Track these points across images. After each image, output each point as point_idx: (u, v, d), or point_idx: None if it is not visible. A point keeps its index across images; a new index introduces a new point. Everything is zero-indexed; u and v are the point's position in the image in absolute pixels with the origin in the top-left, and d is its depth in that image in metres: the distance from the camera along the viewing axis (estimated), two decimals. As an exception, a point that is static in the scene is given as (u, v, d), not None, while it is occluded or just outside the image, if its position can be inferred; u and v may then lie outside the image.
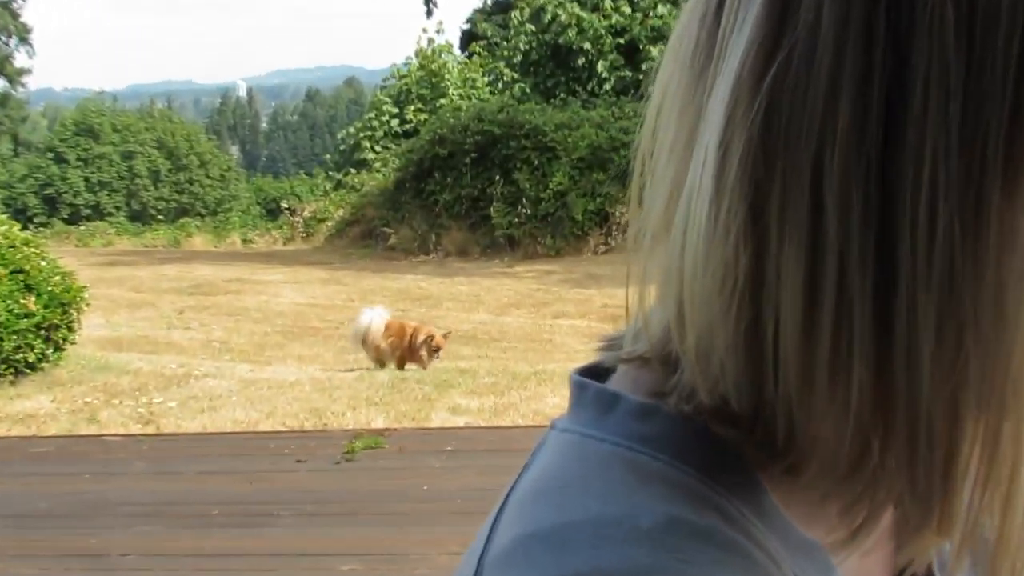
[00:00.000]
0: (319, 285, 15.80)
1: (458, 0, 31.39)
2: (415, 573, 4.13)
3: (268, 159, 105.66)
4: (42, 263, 8.19)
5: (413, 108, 27.08)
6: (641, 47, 22.60)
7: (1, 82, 40.93)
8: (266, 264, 18.96)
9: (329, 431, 6.58)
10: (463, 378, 8.12)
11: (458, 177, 20.25)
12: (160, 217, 38.95)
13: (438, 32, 28.12)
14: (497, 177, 19.84)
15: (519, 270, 17.41)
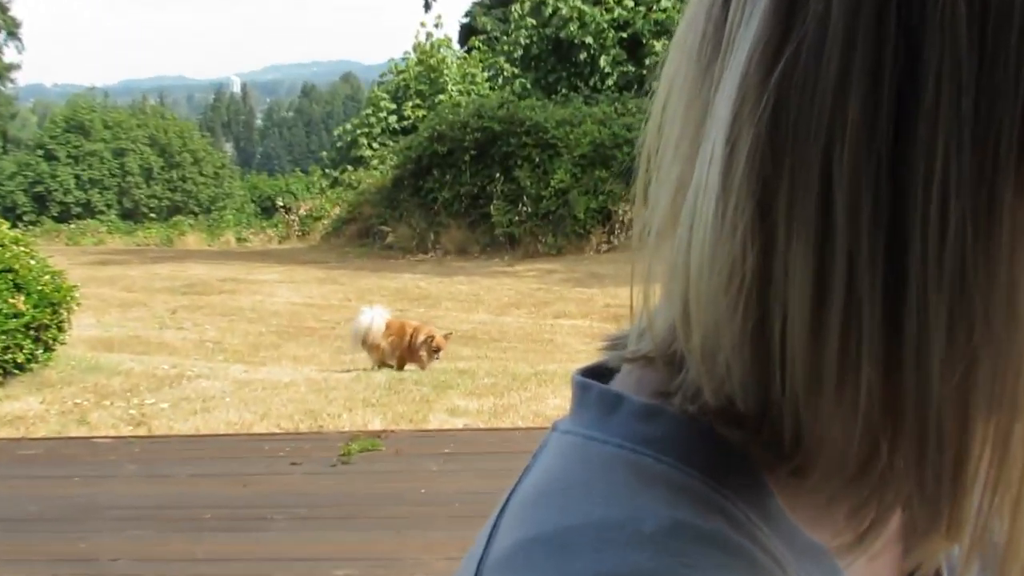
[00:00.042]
0: (315, 284, 15.80)
1: (457, -6, 31.38)
2: (412, 579, 4.13)
3: (263, 156, 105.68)
4: (32, 262, 8.19)
5: (411, 104, 27.09)
6: (644, 41, 22.61)
7: (-10, 77, 40.97)
8: (261, 263, 18.96)
9: (325, 433, 6.58)
10: (462, 379, 8.12)
11: (457, 174, 20.26)
12: (152, 215, 39.00)
13: (436, 26, 28.10)
14: (497, 174, 19.84)
15: (519, 269, 17.41)
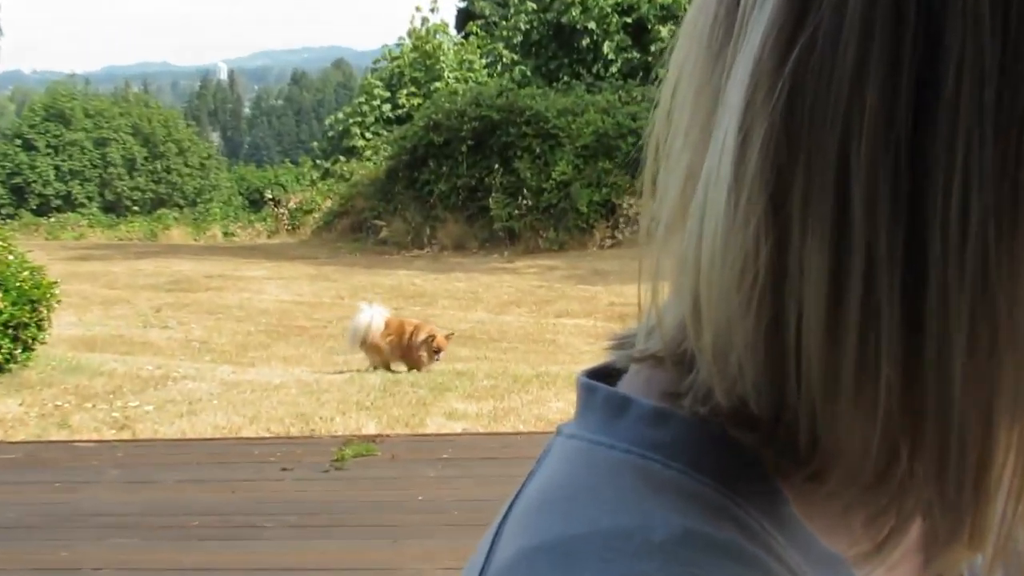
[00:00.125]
0: (306, 281, 15.81)
1: (454, -24, 31.35)
2: (408, 589, 4.13)
3: (251, 146, 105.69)
4: (9, 257, 8.20)
5: (406, 92, 27.07)
6: (650, 27, 22.60)
7: (-35, 64, 40.90)
8: (249, 259, 18.97)
9: (317, 437, 6.59)
10: (460, 381, 8.12)
11: (454, 166, 20.26)
12: (135, 208, 38.96)
13: (432, 11, 28.16)
14: (496, 166, 19.84)
15: (519, 265, 17.41)
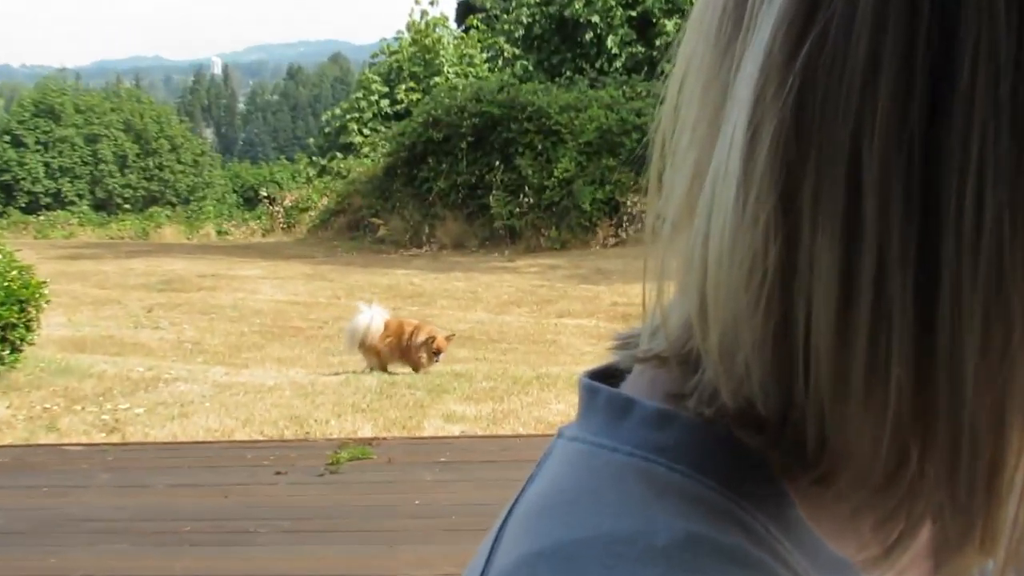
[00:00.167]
0: (301, 281, 15.82)
1: (454, -31, 31.34)
2: (406, 596, 4.14)
3: (245, 143, 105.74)
4: (-3, 256, 8.20)
5: (404, 87, 27.08)
6: (655, 20, 22.61)
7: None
8: (243, 258, 18.98)
9: (312, 440, 6.59)
10: (459, 382, 8.12)
11: (454, 163, 20.27)
12: (127, 206, 38.97)
13: (432, 4, 28.08)
14: (497, 163, 19.86)
15: (520, 264, 17.42)
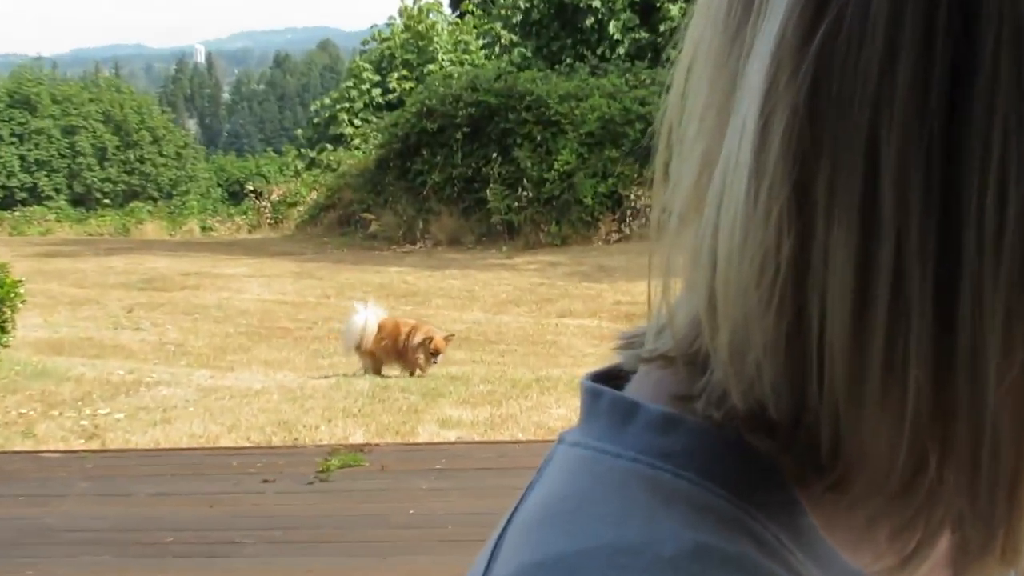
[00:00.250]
0: (289, 279, 15.81)
1: (449, -49, 31.31)
2: (400, 610, 4.14)
3: (230, 134, 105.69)
4: (-30, 254, 8.20)
5: (397, 76, 27.08)
6: (659, 5, 22.60)
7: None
8: (228, 255, 18.97)
9: (300, 447, 6.59)
10: (455, 386, 8.12)
11: (449, 155, 20.25)
12: (106, 201, 38.99)
13: (426, -12, 28.09)
14: (494, 155, 19.85)
15: (519, 262, 17.42)
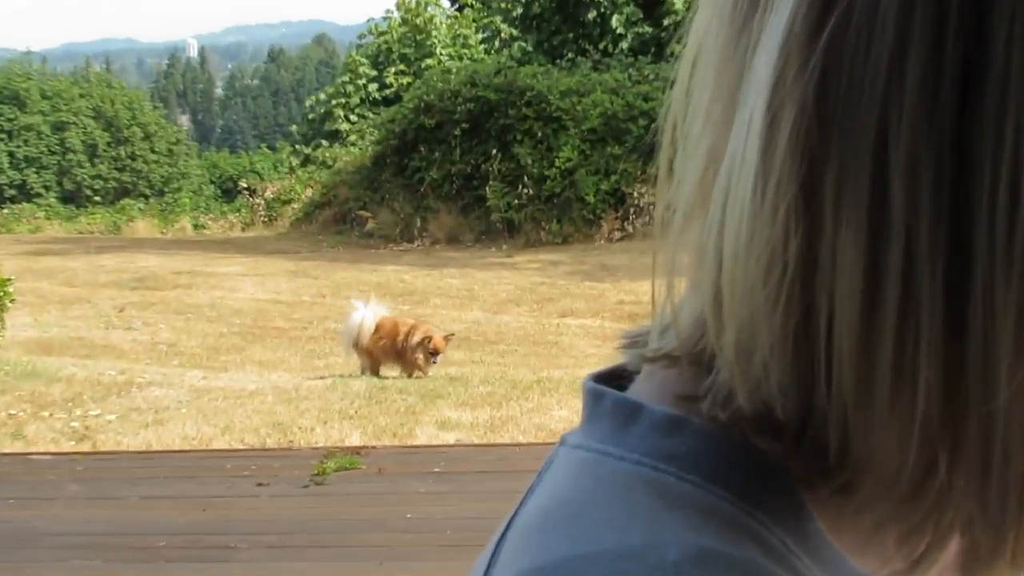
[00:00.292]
0: (283, 278, 15.81)
1: (447, -57, 31.32)
2: (397, 616, 4.14)
3: (224, 131, 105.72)
4: (-42, 252, 8.20)
5: (394, 70, 27.11)
6: (663, -2, 22.61)
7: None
8: (221, 253, 18.97)
9: (296, 449, 6.59)
10: (454, 387, 8.13)
11: (447, 151, 20.27)
12: (97, 199, 39.00)
13: (424, -19, 28.09)
14: (494, 151, 19.86)
15: (519, 260, 17.42)
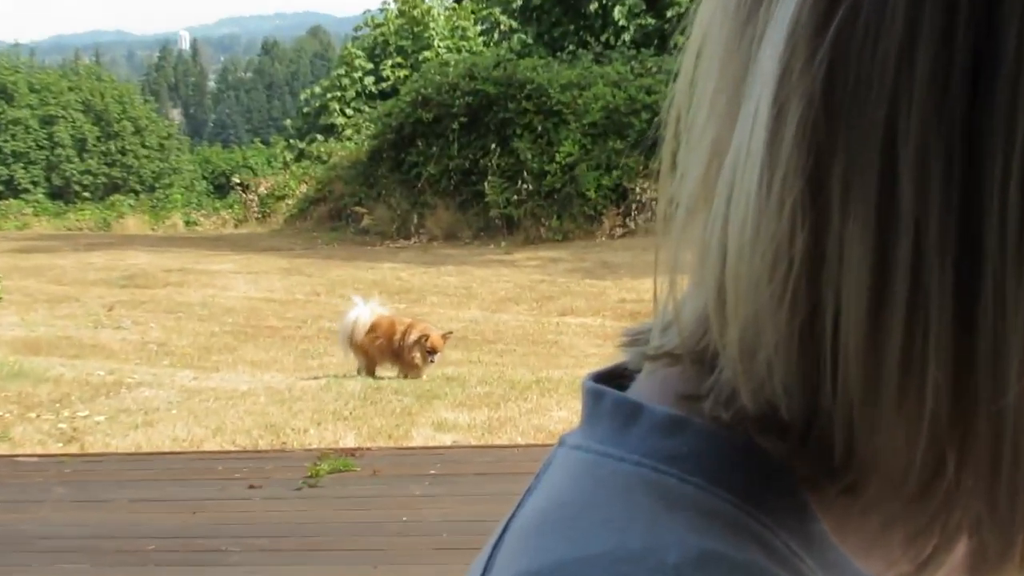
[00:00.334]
0: (277, 276, 15.82)
1: (445, -67, 31.31)
2: (392, 621, 4.14)
3: (216, 125, 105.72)
4: (-56, 248, 8.20)
5: (391, 63, 27.10)
6: (665, -10, 22.61)
7: None
8: (213, 251, 18.98)
9: (289, 451, 6.59)
10: (451, 387, 8.13)
11: (445, 146, 20.27)
12: (86, 194, 38.95)
13: (421, -28, 28.09)
14: (492, 146, 19.86)
15: (519, 257, 17.43)
